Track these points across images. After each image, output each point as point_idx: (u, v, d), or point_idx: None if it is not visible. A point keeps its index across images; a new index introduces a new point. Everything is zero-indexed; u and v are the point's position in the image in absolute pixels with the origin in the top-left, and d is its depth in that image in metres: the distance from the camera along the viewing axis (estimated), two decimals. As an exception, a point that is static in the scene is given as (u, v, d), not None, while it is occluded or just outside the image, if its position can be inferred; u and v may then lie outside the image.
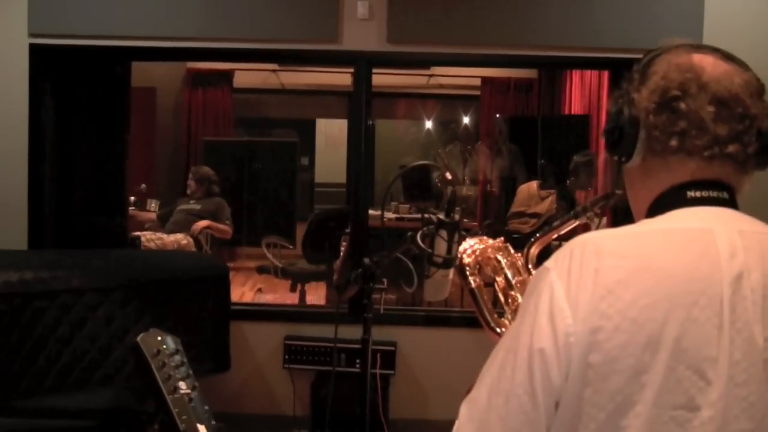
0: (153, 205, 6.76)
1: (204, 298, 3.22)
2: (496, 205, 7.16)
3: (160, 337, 1.47)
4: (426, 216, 1.82)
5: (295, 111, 9.19)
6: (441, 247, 1.72)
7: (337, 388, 2.44)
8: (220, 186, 6.23)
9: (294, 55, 3.82)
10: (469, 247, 1.53)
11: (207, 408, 1.41)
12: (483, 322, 1.45)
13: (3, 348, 2.67)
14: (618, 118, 1.01)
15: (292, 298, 5.85)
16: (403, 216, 6.47)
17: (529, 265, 1.47)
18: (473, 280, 1.50)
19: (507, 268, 1.47)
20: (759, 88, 0.98)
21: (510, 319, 1.42)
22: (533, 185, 5.80)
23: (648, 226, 0.97)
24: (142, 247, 5.43)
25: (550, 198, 5.59)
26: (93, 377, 2.82)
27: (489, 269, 1.50)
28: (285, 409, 3.71)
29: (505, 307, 1.45)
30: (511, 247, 1.52)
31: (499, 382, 0.92)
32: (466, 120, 8.71)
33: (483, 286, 1.50)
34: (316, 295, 6.25)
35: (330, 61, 5.10)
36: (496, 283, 1.48)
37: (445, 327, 3.83)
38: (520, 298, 1.42)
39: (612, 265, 0.89)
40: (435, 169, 5.17)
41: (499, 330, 1.42)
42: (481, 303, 1.46)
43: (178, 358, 1.45)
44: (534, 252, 1.48)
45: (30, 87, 3.60)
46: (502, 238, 1.54)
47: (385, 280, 1.99)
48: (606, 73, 5.57)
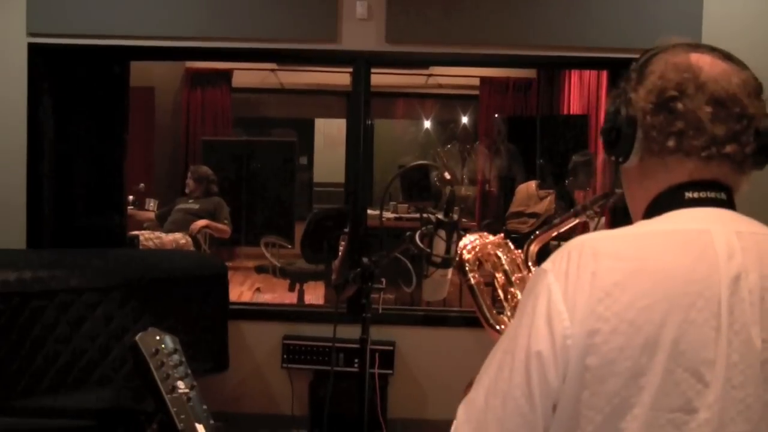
0: (151, 204, 6.76)
1: (202, 298, 3.22)
2: (494, 204, 7.15)
3: (158, 337, 1.47)
4: (425, 216, 1.82)
5: (293, 111, 9.19)
6: (439, 246, 1.72)
7: (335, 388, 2.44)
8: (219, 185, 6.23)
9: (293, 54, 3.83)
10: (469, 243, 1.52)
11: (205, 407, 1.41)
12: (482, 319, 1.45)
13: (1, 347, 2.67)
14: (615, 118, 1.01)
15: (290, 298, 5.84)
16: (402, 216, 6.46)
17: (529, 263, 1.47)
18: (473, 276, 1.49)
19: (507, 265, 1.47)
20: (756, 88, 0.97)
21: (509, 316, 1.42)
22: (532, 185, 5.80)
23: (645, 227, 0.97)
24: (141, 247, 5.43)
25: (548, 198, 5.59)
26: (91, 377, 2.82)
27: (489, 265, 1.49)
28: (283, 409, 3.71)
29: (505, 303, 1.44)
30: (511, 244, 1.52)
31: (497, 384, 0.92)
32: (465, 120, 8.70)
33: (482, 283, 1.49)
34: (315, 294, 6.24)
35: (329, 60, 5.11)
36: (495, 280, 1.48)
37: (444, 327, 3.83)
38: (519, 295, 1.41)
39: (609, 267, 0.89)
40: (434, 169, 5.16)
41: (498, 327, 1.42)
42: (480, 300, 1.46)
43: (176, 357, 1.45)
44: (534, 249, 1.47)
45: (29, 86, 3.60)
46: (502, 235, 1.53)
47: (383, 280, 1.99)
48: (605, 73, 5.58)
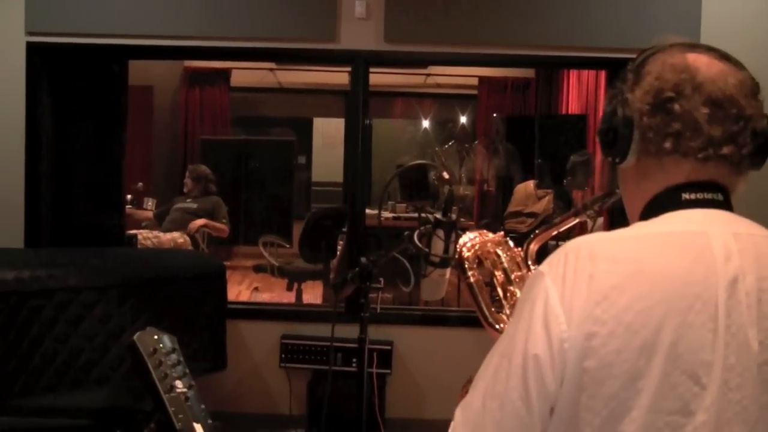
0: (150, 203, 6.76)
1: (201, 297, 3.22)
2: (493, 204, 7.16)
3: (156, 336, 1.47)
4: (423, 215, 1.82)
5: (292, 110, 9.18)
6: (438, 246, 1.72)
7: (333, 387, 2.45)
8: (217, 185, 6.23)
9: (291, 54, 3.83)
10: (469, 241, 1.52)
11: (203, 407, 1.42)
12: (481, 317, 1.44)
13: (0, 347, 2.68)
14: (612, 119, 1.00)
15: (288, 297, 5.84)
16: (400, 215, 6.47)
17: (529, 261, 1.46)
18: (472, 274, 1.48)
19: (506, 263, 1.46)
20: (753, 88, 0.97)
21: (508, 315, 1.42)
22: (530, 185, 5.81)
23: (642, 229, 0.96)
24: (139, 246, 5.43)
25: (547, 197, 5.59)
26: (90, 376, 2.82)
27: (488, 263, 1.49)
28: (281, 408, 3.71)
29: (504, 302, 1.44)
30: (510, 242, 1.51)
31: (494, 387, 0.92)
32: (464, 119, 8.70)
33: (482, 281, 1.49)
34: (313, 294, 6.25)
35: (327, 60, 5.11)
36: (495, 278, 1.47)
37: (442, 326, 3.83)
38: (518, 293, 1.41)
39: (606, 270, 0.89)
40: (432, 169, 5.17)
41: (497, 326, 1.42)
42: (479, 297, 1.45)
43: (174, 356, 1.46)
44: (533, 248, 1.47)
45: (27, 85, 3.59)
46: (502, 233, 1.53)
47: (382, 280, 1.99)
48: (603, 73, 5.57)
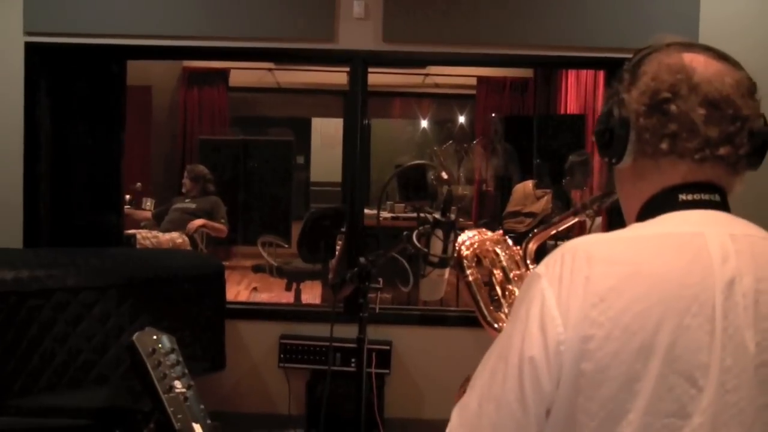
0: (148, 203, 6.76)
1: (199, 297, 3.22)
2: (491, 204, 7.17)
3: (155, 336, 1.47)
4: (422, 215, 1.82)
5: (290, 110, 9.18)
6: (437, 246, 1.72)
7: (332, 388, 2.45)
8: (216, 185, 6.23)
9: (290, 54, 3.83)
10: (468, 239, 1.52)
11: (202, 407, 1.42)
12: (479, 316, 1.44)
13: (-2, 346, 2.67)
14: (608, 120, 1.00)
15: (287, 297, 5.84)
16: (399, 215, 6.46)
17: (528, 260, 1.47)
18: (471, 272, 1.48)
19: (505, 262, 1.47)
20: (750, 88, 0.96)
21: (507, 313, 1.42)
22: (529, 185, 5.81)
23: (639, 230, 0.96)
24: (138, 246, 5.42)
25: (545, 197, 5.60)
26: (88, 376, 2.82)
27: (487, 261, 1.49)
28: (280, 408, 3.71)
29: (503, 300, 1.44)
30: (509, 241, 1.51)
31: (490, 389, 0.92)
32: (462, 119, 8.71)
33: (480, 280, 1.49)
34: (312, 294, 6.24)
35: (326, 60, 5.12)
36: (493, 276, 1.47)
37: (441, 326, 3.83)
38: (517, 292, 1.41)
39: (603, 272, 0.89)
40: (431, 169, 5.18)
41: (495, 325, 1.42)
42: (478, 296, 1.45)
43: (173, 357, 1.46)
44: (532, 247, 1.47)
45: (26, 85, 3.59)
46: (501, 232, 1.53)
47: (380, 280, 1.99)
48: (602, 73, 5.57)
